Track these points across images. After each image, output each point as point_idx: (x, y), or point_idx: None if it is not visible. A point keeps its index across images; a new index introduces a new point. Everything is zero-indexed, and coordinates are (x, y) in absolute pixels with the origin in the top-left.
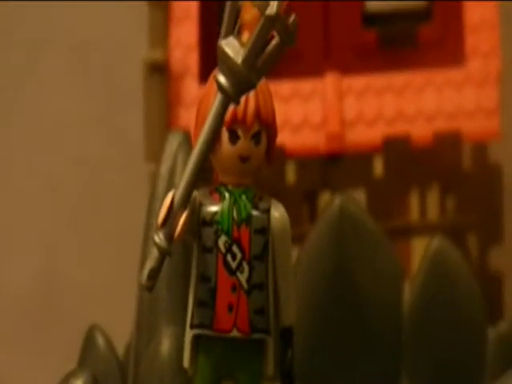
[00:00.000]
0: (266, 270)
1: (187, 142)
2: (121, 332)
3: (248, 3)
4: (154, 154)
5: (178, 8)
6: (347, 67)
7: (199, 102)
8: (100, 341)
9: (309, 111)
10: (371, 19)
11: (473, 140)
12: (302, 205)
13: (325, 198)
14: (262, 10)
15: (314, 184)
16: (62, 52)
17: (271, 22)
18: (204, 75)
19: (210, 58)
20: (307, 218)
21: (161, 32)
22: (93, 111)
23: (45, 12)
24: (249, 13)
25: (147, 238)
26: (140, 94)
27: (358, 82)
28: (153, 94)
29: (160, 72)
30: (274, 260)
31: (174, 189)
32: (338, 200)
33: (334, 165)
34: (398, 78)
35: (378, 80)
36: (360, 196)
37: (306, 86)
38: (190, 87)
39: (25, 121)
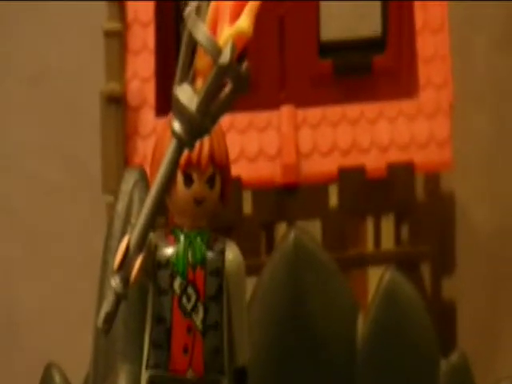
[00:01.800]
0: (220, 311)
1: (143, 179)
2: (78, 369)
3: (201, 50)
4: (112, 186)
5: (134, 39)
6: (303, 98)
7: (154, 145)
8: (57, 379)
9: (264, 142)
10: (327, 49)
11: (426, 170)
12: (259, 236)
13: (281, 228)
14: (215, 58)
15: (270, 215)
16: (19, 82)
17: (224, 70)
18: (161, 106)
19: (166, 89)
20: (264, 249)
21: (117, 63)
22: (51, 142)
23: (2, 42)
24: (202, 60)
25: (104, 276)
26: (98, 124)
27: (313, 113)
28: (110, 125)
29: (117, 103)
30: (229, 300)
31: (129, 232)
32: (292, 233)
33: (290, 195)
34: (353, 109)
35: (332, 111)
36: (316, 226)
37: (261, 117)
38: (147, 118)
39: None
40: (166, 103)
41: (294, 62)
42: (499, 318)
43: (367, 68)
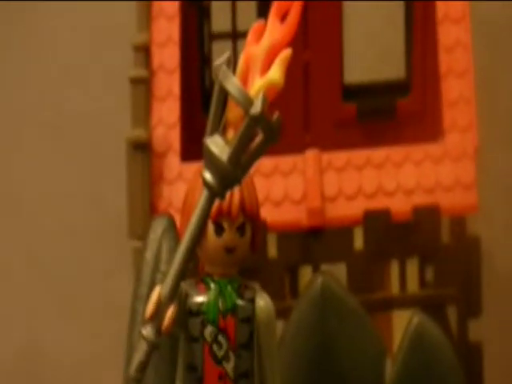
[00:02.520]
0: (252, 359)
1: (172, 227)
2: None
3: (232, 102)
4: (138, 231)
5: (159, 86)
6: (327, 142)
7: (185, 194)
8: None
9: (290, 186)
10: (351, 92)
11: (451, 213)
12: (284, 279)
13: (306, 271)
14: (247, 109)
15: (295, 258)
16: (47, 128)
17: (255, 122)
18: (186, 152)
19: (191, 135)
20: (289, 292)
21: (143, 110)
22: (77, 188)
23: (29, 89)
24: (233, 111)
25: (133, 323)
26: (123, 170)
27: (338, 157)
28: (136, 171)
29: (142, 149)
30: (260, 348)
31: (160, 281)
32: (319, 278)
33: (315, 239)
34: (378, 153)
35: (357, 155)
36: (341, 269)
37: (286, 161)
38: (172, 164)
39: (9, 196)
40: (190, 149)
41: (318, 106)
42: None
43: (391, 112)
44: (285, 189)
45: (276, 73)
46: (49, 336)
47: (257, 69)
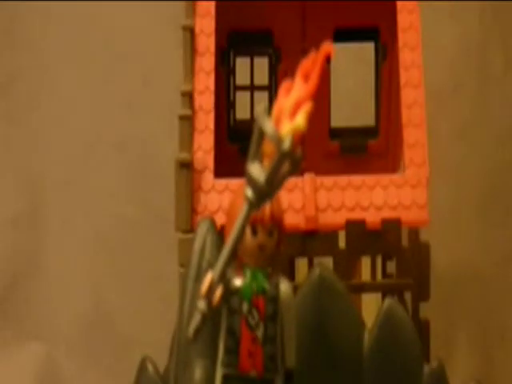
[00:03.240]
0: (276, 327)
1: (213, 227)
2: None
3: (268, 139)
4: (182, 226)
5: (199, 122)
6: (319, 169)
7: (230, 205)
8: (150, 369)
9: (292, 200)
10: (336, 133)
11: (409, 225)
12: (286, 268)
13: (303, 263)
14: (278, 146)
15: (295, 252)
16: (110, 151)
17: (285, 156)
18: (217, 171)
19: (221, 158)
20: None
21: (188, 139)
22: (140, 195)
23: (93, 114)
24: (268, 146)
25: (183, 297)
26: (173, 183)
27: (328, 180)
28: (182, 184)
29: (187, 168)
30: (282, 321)
31: (211, 269)
32: (318, 269)
33: (310, 239)
34: (356, 179)
35: (341, 179)
36: (328, 262)
37: (290, 181)
38: (208, 179)
39: (84, 200)
40: (221, 169)
41: (311, 142)
42: (454, 329)
43: (364, 149)
44: (289, 201)
45: (301, 120)
46: (112, 303)
47: (286, 116)
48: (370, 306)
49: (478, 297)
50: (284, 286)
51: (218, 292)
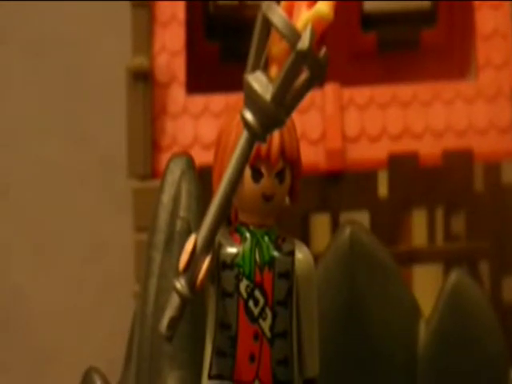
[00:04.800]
0: (290, 317)
1: (191, 169)
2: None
3: (276, 35)
4: (138, 170)
5: (162, 11)
6: (345, 76)
7: (218, 136)
8: (98, 382)
9: (307, 125)
10: (370, 21)
11: (485, 159)
12: (296, 227)
13: (324, 220)
14: (293, 43)
15: (312, 205)
16: (24, 51)
17: (303, 58)
18: (192, 83)
19: (197, 64)
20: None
21: (145, 37)
22: (66, 121)
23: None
24: (277, 46)
25: (149, 273)
26: (123, 102)
27: (360, 93)
28: (136, 104)
29: (144, 79)
30: (299, 306)
31: (195, 232)
32: (348, 229)
33: (335, 184)
34: (404, 90)
35: (381, 92)
36: (363, 218)
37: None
38: (177, 96)
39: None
40: (196, 79)
41: (334, 36)
42: None
43: (415, 43)
44: (301, 127)
45: (324, 5)
46: (28, 283)
47: (302, 1)
48: (428, 283)
49: None
50: (302, 255)
51: (205, 265)
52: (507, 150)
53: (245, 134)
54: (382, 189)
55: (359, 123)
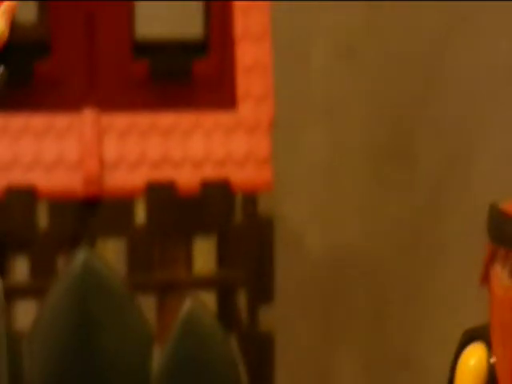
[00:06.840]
0: None
1: None
2: None
3: None
4: None
5: None
6: (112, 102)
7: None
8: None
9: (65, 149)
10: (142, 48)
11: (243, 190)
12: (57, 254)
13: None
14: None
15: (70, 230)
16: None
17: None
18: None
19: None
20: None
21: None
22: None
23: None
24: None
25: None
26: None
27: (120, 119)
28: None
29: None
30: None
31: None
32: (82, 254)
33: (92, 210)
34: (166, 118)
35: (143, 119)
36: (120, 245)
37: (61, 120)
38: None
39: None
40: None
41: (105, 61)
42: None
43: (187, 74)
44: (59, 151)
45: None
46: None
47: None
48: None
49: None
50: None
51: None
52: (265, 180)
53: None
54: (140, 216)
55: (118, 150)
